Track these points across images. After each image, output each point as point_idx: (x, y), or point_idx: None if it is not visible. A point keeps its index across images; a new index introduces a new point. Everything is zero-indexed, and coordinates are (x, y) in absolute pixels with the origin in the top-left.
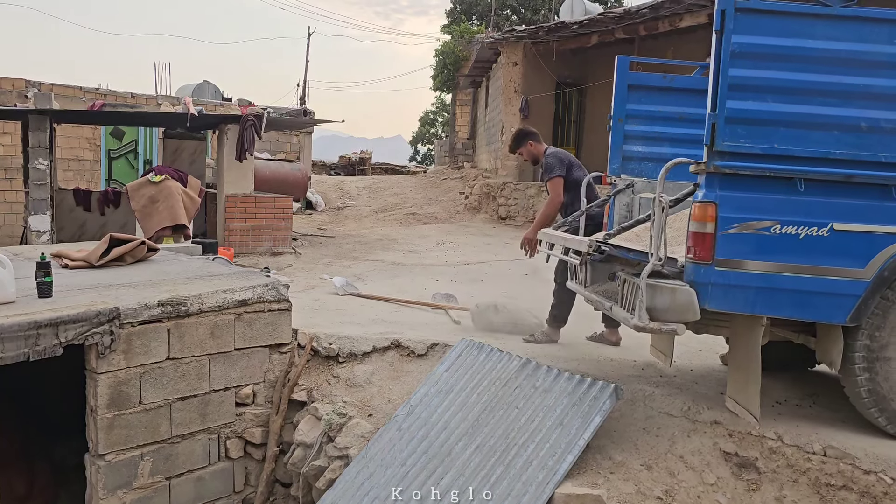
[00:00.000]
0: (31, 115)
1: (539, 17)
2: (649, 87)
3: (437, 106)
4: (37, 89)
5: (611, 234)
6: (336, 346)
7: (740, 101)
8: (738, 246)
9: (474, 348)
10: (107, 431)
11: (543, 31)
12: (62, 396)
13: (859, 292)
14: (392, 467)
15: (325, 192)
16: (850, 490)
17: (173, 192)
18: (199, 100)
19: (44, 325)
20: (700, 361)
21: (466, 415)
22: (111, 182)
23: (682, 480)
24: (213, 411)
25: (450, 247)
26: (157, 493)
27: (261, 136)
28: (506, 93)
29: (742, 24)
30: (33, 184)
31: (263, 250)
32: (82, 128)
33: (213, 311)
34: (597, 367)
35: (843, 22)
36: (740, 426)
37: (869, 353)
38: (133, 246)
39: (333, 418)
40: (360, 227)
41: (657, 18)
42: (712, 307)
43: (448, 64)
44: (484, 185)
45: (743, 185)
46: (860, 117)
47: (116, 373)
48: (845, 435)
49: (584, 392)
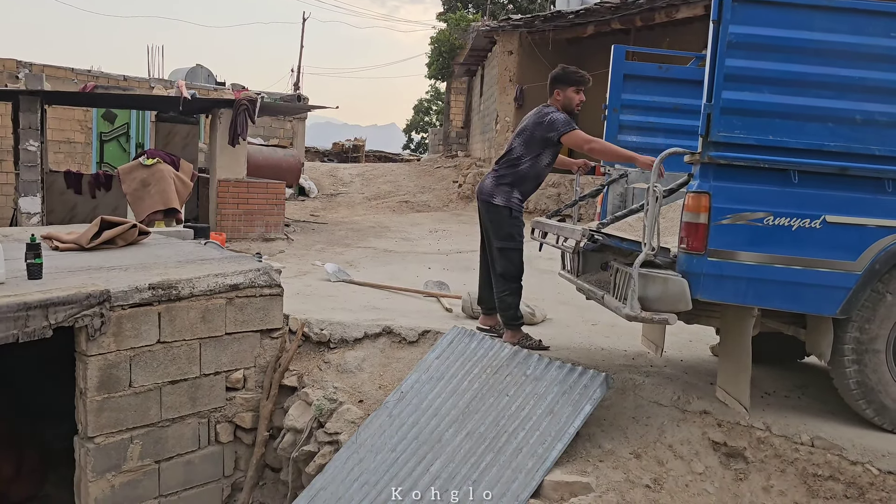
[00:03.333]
0: (21, 97)
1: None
2: (645, 77)
3: (431, 94)
4: (28, 70)
5: (604, 224)
6: (327, 332)
7: (736, 92)
8: (730, 237)
9: (465, 336)
10: (96, 414)
11: (540, 20)
12: (51, 379)
13: (850, 285)
14: (382, 453)
15: (318, 179)
16: (836, 480)
17: (165, 175)
18: (193, 84)
19: (33, 307)
20: (690, 352)
21: (457, 402)
22: (103, 165)
23: (671, 469)
24: (204, 395)
25: (442, 235)
26: (146, 477)
27: (254, 121)
28: (501, 82)
29: (739, 15)
30: (24, 165)
31: (255, 236)
32: (74, 110)
33: (204, 296)
34: (588, 356)
35: (840, 14)
36: (729, 416)
37: (858, 345)
38: (124, 229)
39: (324, 404)
40: (353, 214)
41: (654, 9)
42: (704, 297)
43: (443, 52)
44: (478, 174)
45: (737, 176)
46: (855, 110)
47: (106, 356)
48: (833, 426)
49: (574, 380)
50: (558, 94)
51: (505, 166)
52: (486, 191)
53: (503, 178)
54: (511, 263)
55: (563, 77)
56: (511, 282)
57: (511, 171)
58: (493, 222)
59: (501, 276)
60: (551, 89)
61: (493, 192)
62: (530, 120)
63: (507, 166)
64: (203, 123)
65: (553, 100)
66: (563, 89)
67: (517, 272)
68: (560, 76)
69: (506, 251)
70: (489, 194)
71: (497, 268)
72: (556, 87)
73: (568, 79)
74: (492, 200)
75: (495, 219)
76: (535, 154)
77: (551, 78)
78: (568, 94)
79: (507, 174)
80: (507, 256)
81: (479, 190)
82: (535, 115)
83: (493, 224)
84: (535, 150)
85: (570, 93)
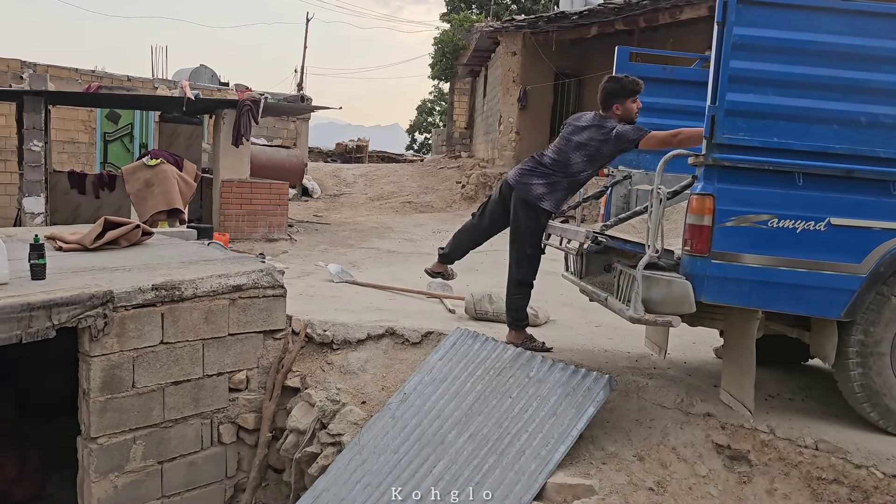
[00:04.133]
0: (26, 97)
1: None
2: (648, 78)
3: (434, 95)
4: (32, 70)
5: (608, 225)
6: (330, 333)
7: (740, 94)
8: (735, 239)
9: (469, 337)
10: (99, 415)
11: (543, 21)
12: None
13: (855, 287)
14: (385, 454)
15: (322, 180)
16: (840, 484)
17: (169, 176)
18: (196, 84)
19: (37, 308)
20: (694, 354)
21: (460, 403)
22: (106, 165)
23: (674, 472)
24: (207, 396)
25: (446, 236)
26: (149, 477)
27: (258, 121)
28: (504, 82)
29: (744, 16)
30: (28, 166)
31: (259, 236)
32: (78, 110)
33: (207, 296)
34: (591, 358)
35: (845, 16)
36: (733, 419)
37: (863, 348)
38: (128, 229)
39: (327, 405)
40: (356, 214)
41: (657, 10)
42: (708, 300)
43: (447, 53)
44: (481, 174)
45: (741, 178)
46: (860, 112)
47: (109, 356)
48: (837, 429)
49: (577, 382)
50: (617, 109)
51: (561, 174)
52: (534, 193)
53: (558, 184)
54: (533, 271)
55: (620, 90)
56: (528, 287)
57: (569, 179)
58: (531, 227)
59: (521, 281)
60: (608, 104)
61: (544, 195)
62: (590, 135)
63: (564, 175)
64: (206, 124)
65: (612, 114)
66: (621, 103)
67: (534, 278)
68: (616, 90)
69: (534, 258)
70: (538, 197)
71: (519, 273)
72: (615, 101)
73: (625, 91)
74: (540, 204)
75: (534, 224)
76: (598, 167)
77: (606, 93)
78: (627, 107)
79: (563, 182)
80: (533, 263)
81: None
82: (594, 130)
83: (530, 229)
84: (601, 164)
85: (628, 105)
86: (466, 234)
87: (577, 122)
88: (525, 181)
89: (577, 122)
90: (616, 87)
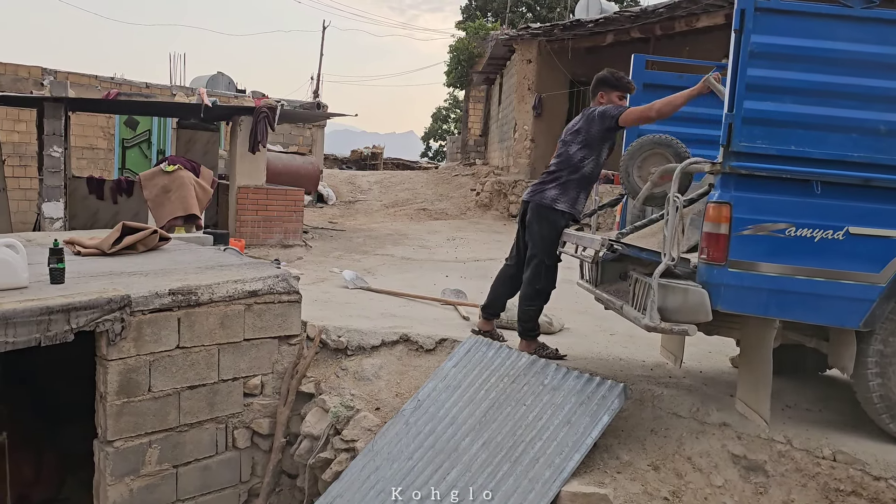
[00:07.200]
0: (46, 103)
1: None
2: (664, 86)
3: (449, 102)
4: (53, 77)
5: (623, 233)
6: (345, 339)
7: (758, 102)
8: (752, 247)
9: (483, 344)
10: (115, 418)
11: (559, 28)
12: (71, 382)
13: (874, 297)
14: (398, 461)
15: (337, 186)
16: (859, 496)
17: (186, 182)
18: (213, 91)
19: (56, 311)
20: (710, 363)
21: (474, 410)
22: (124, 171)
23: (690, 482)
24: (222, 401)
25: (460, 243)
26: (163, 481)
27: (274, 128)
28: (519, 90)
29: (761, 24)
30: (47, 171)
31: (274, 242)
32: (97, 116)
33: (223, 301)
34: (606, 366)
35: (864, 24)
36: (749, 429)
37: (882, 358)
38: (145, 234)
39: (341, 411)
40: (371, 221)
41: (673, 18)
42: (724, 309)
43: (462, 60)
44: (495, 182)
45: (758, 187)
46: (879, 120)
47: (126, 360)
48: (856, 440)
49: (592, 391)
50: (602, 97)
51: (567, 171)
52: (549, 196)
53: (569, 182)
54: (551, 282)
55: (610, 81)
56: (544, 299)
57: (577, 174)
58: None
59: (539, 291)
60: (595, 91)
61: (558, 197)
62: (579, 124)
63: (571, 171)
64: (223, 130)
65: (596, 102)
66: (607, 92)
67: (553, 288)
68: (606, 79)
69: (551, 269)
70: (553, 199)
71: (538, 283)
72: (602, 89)
73: (615, 83)
74: (555, 206)
75: (552, 232)
76: (598, 153)
77: (596, 80)
78: (612, 98)
79: (573, 178)
80: (551, 274)
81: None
82: (581, 119)
83: (549, 238)
84: (597, 149)
85: (614, 97)
86: (499, 281)
87: (569, 127)
88: (538, 190)
89: (570, 127)
90: (607, 77)
